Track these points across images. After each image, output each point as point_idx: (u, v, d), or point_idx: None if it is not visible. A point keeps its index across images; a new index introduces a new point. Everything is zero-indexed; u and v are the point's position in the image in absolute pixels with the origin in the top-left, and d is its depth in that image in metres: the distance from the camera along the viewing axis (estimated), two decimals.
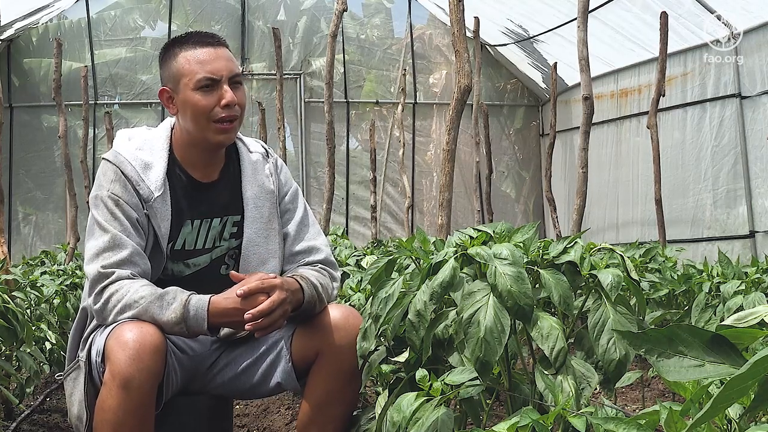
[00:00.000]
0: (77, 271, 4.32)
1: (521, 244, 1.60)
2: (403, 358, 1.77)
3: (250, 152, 2.07)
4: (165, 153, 1.96)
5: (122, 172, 1.90)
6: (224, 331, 1.98)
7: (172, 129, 2.02)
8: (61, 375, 1.94)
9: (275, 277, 1.83)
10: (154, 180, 1.91)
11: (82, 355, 1.82)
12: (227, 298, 1.78)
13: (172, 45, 1.97)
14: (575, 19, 5.25)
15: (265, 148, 2.12)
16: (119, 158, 1.92)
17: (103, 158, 1.95)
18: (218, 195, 2.01)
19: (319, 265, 2.02)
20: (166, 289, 1.79)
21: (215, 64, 1.90)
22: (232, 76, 1.92)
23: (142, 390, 1.66)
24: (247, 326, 1.75)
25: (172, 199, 1.94)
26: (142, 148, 1.95)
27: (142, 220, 1.89)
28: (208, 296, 1.78)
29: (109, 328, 1.76)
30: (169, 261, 1.96)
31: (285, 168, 2.14)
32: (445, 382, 1.51)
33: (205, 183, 2.00)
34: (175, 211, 1.94)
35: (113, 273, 1.81)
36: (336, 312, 1.91)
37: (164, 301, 1.76)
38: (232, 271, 1.88)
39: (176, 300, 1.76)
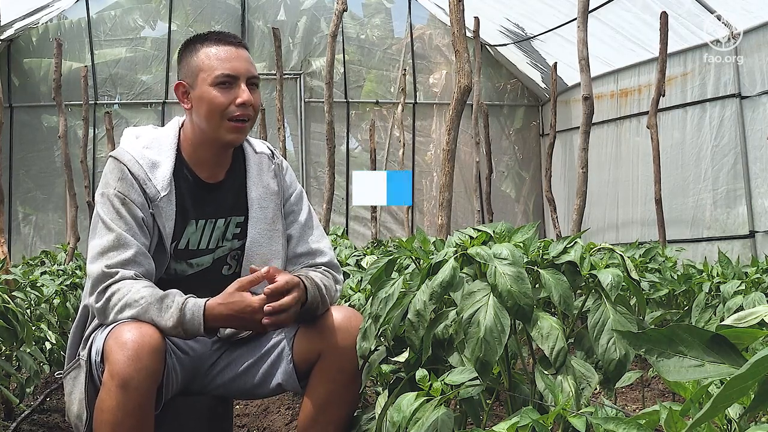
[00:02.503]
0: (77, 271, 4.32)
1: (521, 244, 1.60)
2: (403, 358, 1.77)
3: (256, 153, 2.07)
4: (172, 152, 1.96)
5: (129, 170, 1.90)
6: (225, 331, 1.98)
7: (180, 128, 2.02)
8: (61, 373, 1.94)
9: (291, 276, 1.83)
10: (161, 179, 1.91)
11: (83, 353, 1.82)
12: (221, 303, 1.77)
13: (194, 41, 1.97)
14: (575, 19, 5.25)
15: (270, 149, 2.12)
16: (126, 156, 1.92)
17: (110, 156, 1.95)
18: (223, 195, 2.01)
19: (323, 268, 2.03)
20: (166, 291, 1.79)
21: (235, 63, 1.91)
22: (250, 77, 1.93)
23: (140, 390, 1.66)
24: (265, 320, 1.75)
25: (178, 199, 1.93)
26: (150, 147, 1.95)
27: (148, 219, 1.89)
28: (203, 300, 1.78)
29: (108, 328, 1.76)
30: (172, 260, 1.96)
31: (290, 169, 2.15)
32: (445, 382, 1.51)
33: (211, 183, 2.00)
34: (180, 211, 1.94)
35: (117, 272, 1.81)
36: (338, 314, 1.91)
37: (163, 304, 1.75)
38: (252, 266, 1.86)
39: (174, 304, 1.75)
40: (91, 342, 1.81)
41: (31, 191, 9.10)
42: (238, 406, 3.25)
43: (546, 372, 1.44)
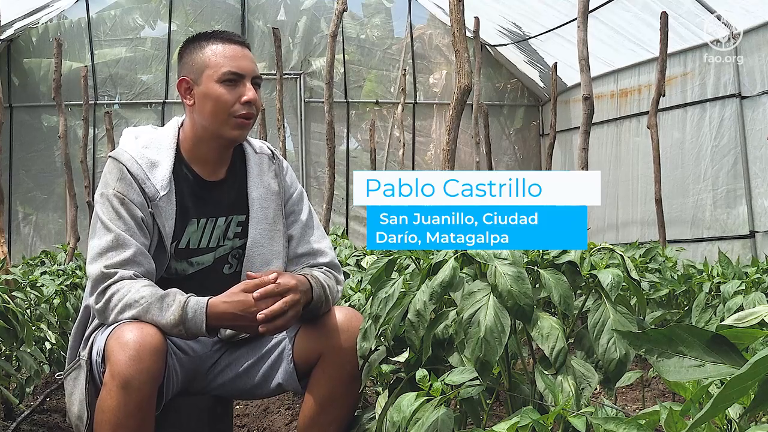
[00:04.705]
0: (77, 271, 4.31)
1: None
2: (403, 358, 1.77)
3: (256, 153, 2.07)
4: (171, 152, 1.96)
5: (128, 170, 1.90)
6: (226, 332, 1.97)
7: (179, 127, 2.02)
8: (61, 374, 1.94)
9: (292, 278, 1.83)
10: (160, 179, 1.91)
11: (84, 354, 1.82)
12: (225, 301, 1.77)
13: (199, 38, 1.98)
14: (575, 19, 5.25)
15: (270, 150, 2.12)
16: (125, 156, 1.92)
17: (109, 156, 1.95)
18: (224, 194, 2.01)
19: (325, 268, 2.03)
20: (166, 291, 1.79)
21: (242, 62, 1.93)
22: (254, 77, 1.95)
23: (142, 391, 1.66)
24: (260, 328, 1.75)
25: (177, 198, 1.93)
26: (149, 147, 1.96)
27: (147, 219, 1.89)
28: (206, 298, 1.78)
29: (109, 329, 1.75)
30: (173, 259, 1.95)
31: (290, 170, 2.15)
32: (445, 382, 1.51)
33: (212, 182, 2.00)
34: (180, 210, 1.94)
35: (116, 273, 1.80)
36: (339, 314, 1.91)
37: (164, 303, 1.75)
38: (249, 272, 1.86)
39: (175, 302, 1.75)
40: (92, 342, 1.81)
41: (31, 191, 9.10)
42: (238, 406, 3.25)
43: (546, 372, 1.44)
